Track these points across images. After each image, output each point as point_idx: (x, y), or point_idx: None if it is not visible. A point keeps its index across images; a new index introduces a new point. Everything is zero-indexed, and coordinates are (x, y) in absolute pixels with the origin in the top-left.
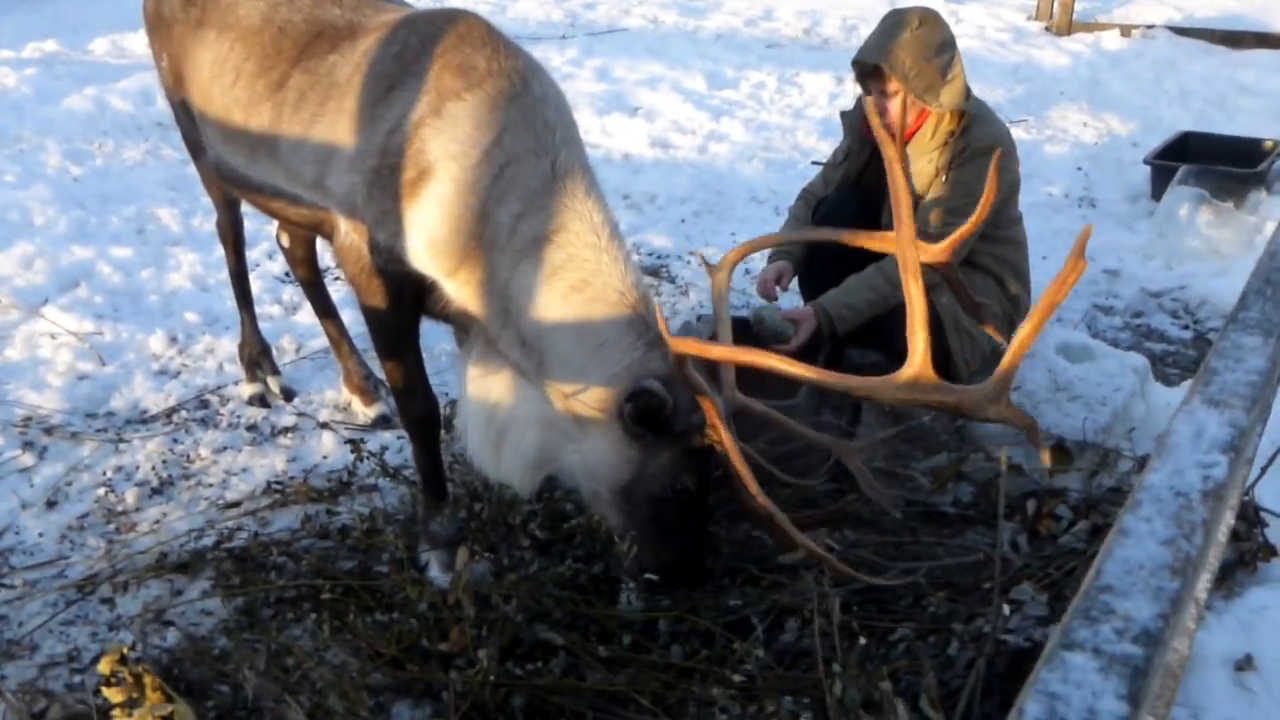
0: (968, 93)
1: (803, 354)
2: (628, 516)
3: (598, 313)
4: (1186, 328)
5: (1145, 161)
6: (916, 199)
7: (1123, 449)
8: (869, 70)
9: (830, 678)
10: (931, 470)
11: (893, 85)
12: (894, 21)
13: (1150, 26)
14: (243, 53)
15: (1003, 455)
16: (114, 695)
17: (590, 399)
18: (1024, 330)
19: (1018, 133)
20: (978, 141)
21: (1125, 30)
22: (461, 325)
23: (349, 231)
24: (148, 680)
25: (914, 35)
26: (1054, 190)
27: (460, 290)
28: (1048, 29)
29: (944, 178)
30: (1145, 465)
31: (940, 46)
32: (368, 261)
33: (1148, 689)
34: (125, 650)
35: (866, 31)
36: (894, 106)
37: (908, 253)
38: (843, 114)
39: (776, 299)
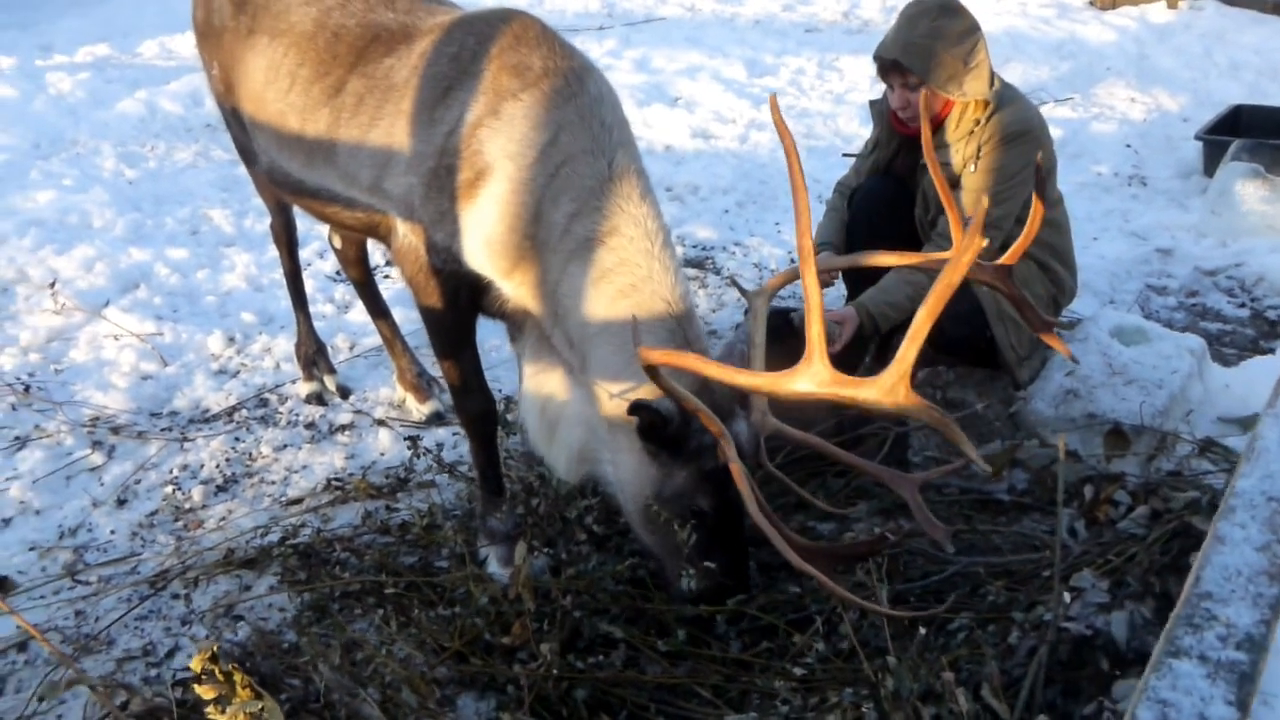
0: (992, 79)
1: (849, 351)
2: (651, 534)
3: (642, 320)
4: (1243, 306)
5: (1196, 137)
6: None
7: (1181, 432)
8: (889, 64)
9: (885, 671)
10: (986, 458)
11: (913, 78)
12: (912, 13)
13: None
14: (297, 59)
15: (1060, 441)
16: (205, 693)
17: (621, 407)
18: (919, 316)
19: (1063, 111)
20: (1008, 127)
21: (1172, 2)
22: (517, 323)
23: (406, 233)
24: (238, 678)
25: (932, 26)
26: (1103, 169)
27: (516, 290)
28: (1092, 4)
29: (973, 166)
30: (1205, 450)
31: (960, 35)
32: (425, 262)
33: (1254, 694)
34: (215, 649)
35: None
36: (916, 99)
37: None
38: (871, 104)
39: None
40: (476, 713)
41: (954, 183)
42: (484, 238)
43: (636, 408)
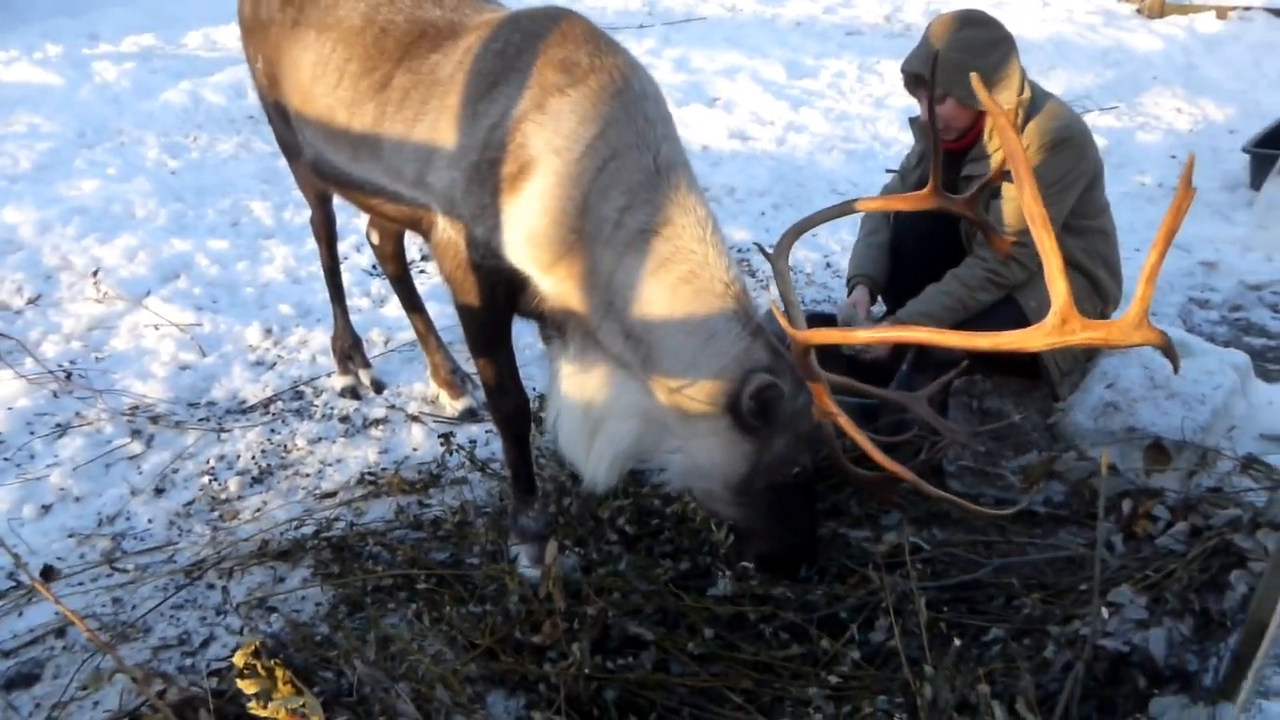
0: (1022, 88)
1: (888, 364)
2: (747, 509)
3: (706, 305)
4: None
5: (1244, 149)
6: (989, 200)
7: (1223, 448)
8: (914, 78)
9: (921, 679)
10: (1022, 469)
11: (939, 90)
12: (938, 26)
13: (1248, 8)
14: (345, 53)
15: (1104, 456)
16: (248, 687)
17: (699, 393)
18: (1151, 258)
19: (1108, 119)
20: (1046, 134)
21: (1221, 12)
22: (552, 322)
23: (446, 227)
24: (279, 673)
25: (957, 38)
26: (1147, 179)
27: (559, 285)
28: (1139, 11)
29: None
30: (1247, 467)
31: (987, 46)
32: (464, 257)
33: None
34: (259, 644)
35: None
36: (945, 111)
37: (1034, 209)
38: (911, 120)
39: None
40: (506, 710)
41: (995, 194)
42: (526, 231)
43: (762, 387)
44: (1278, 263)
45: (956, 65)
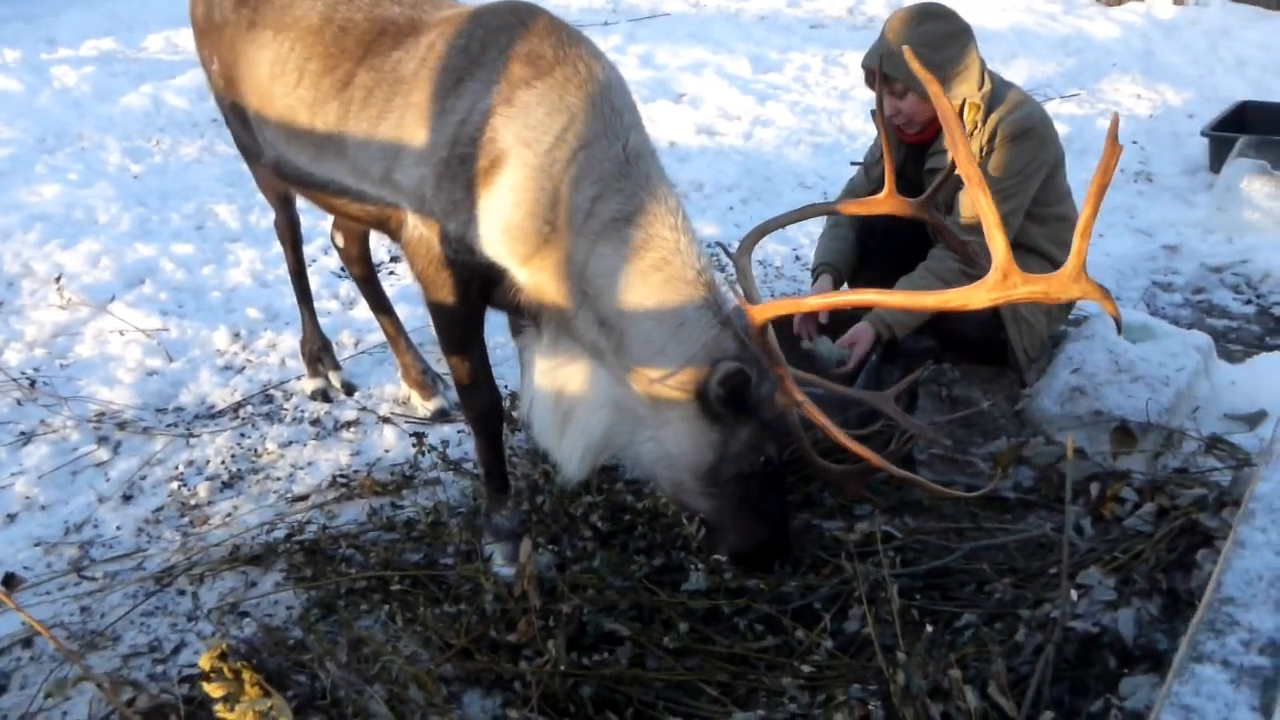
0: (983, 80)
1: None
2: (716, 500)
3: (677, 292)
4: (1249, 303)
5: (1203, 133)
6: (955, 191)
7: (1187, 429)
8: (874, 73)
9: (895, 667)
10: (991, 455)
11: (899, 85)
12: (896, 21)
13: None
14: (304, 53)
15: (1069, 440)
16: (214, 690)
17: (669, 380)
18: (1085, 213)
19: (1070, 107)
20: (1008, 125)
21: None
22: (526, 313)
23: (417, 224)
24: (246, 676)
25: (916, 33)
26: None
27: (534, 276)
28: (1097, 0)
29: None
30: (1212, 447)
31: (945, 39)
32: (438, 253)
33: (1277, 699)
34: (225, 647)
35: None
36: (908, 106)
37: (970, 170)
38: (873, 112)
39: (816, 337)
40: (483, 710)
41: (959, 186)
42: (502, 224)
43: (730, 374)
44: (1238, 245)
45: (916, 58)
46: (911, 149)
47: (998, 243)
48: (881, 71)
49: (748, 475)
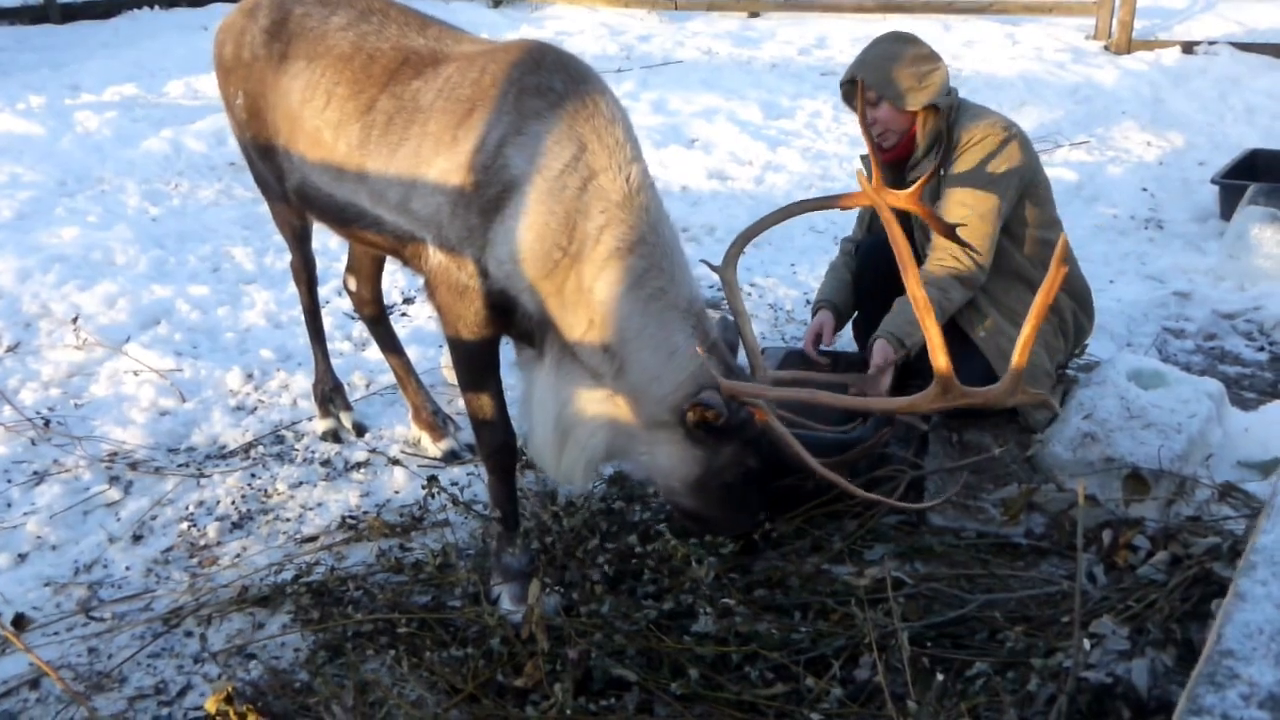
0: (947, 91)
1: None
2: (703, 500)
3: (671, 321)
4: (1262, 350)
5: (1213, 181)
6: (932, 202)
7: (1200, 476)
8: (849, 86)
9: (905, 716)
10: (1002, 501)
11: (871, 94)
12: (870, 43)
13: (1212, 42)
14: (334, 78)
15: (1080, 486)
16: None
17: (661, 404)
18: (1025, 330)
19: (1079, 154)
20: (976, 134)
21: (1186, 47)
22: (539, 337)
23: (437, 253)
24: (252, 719)
25: (887, 49)
26: (1118, 212)
27: (546, 301)
28: (1107, 48)
29: (944, 173)
30: (1225, 495)
31: (915, 58)
32: (457, 280)
33: None
34: (231, 689)
35: None
36: (880, 114)
37: (917, 293)
38: (862, 158)
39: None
40: None
41: (936, 194)
42: (514, 250)
43: (696, 406)
44: (1250, 292)
45: (882, 68)
46: (891, 166)
47: (940, 361)
48: (859, 81)
49: (733, 483)
